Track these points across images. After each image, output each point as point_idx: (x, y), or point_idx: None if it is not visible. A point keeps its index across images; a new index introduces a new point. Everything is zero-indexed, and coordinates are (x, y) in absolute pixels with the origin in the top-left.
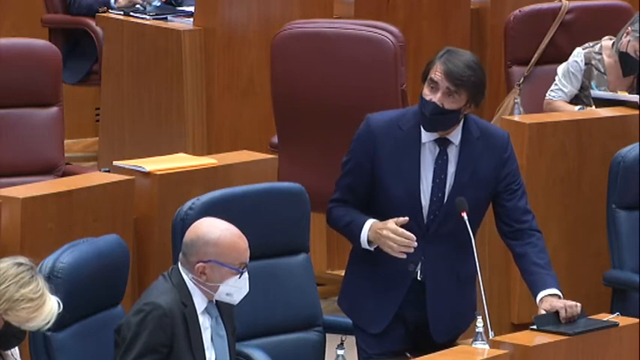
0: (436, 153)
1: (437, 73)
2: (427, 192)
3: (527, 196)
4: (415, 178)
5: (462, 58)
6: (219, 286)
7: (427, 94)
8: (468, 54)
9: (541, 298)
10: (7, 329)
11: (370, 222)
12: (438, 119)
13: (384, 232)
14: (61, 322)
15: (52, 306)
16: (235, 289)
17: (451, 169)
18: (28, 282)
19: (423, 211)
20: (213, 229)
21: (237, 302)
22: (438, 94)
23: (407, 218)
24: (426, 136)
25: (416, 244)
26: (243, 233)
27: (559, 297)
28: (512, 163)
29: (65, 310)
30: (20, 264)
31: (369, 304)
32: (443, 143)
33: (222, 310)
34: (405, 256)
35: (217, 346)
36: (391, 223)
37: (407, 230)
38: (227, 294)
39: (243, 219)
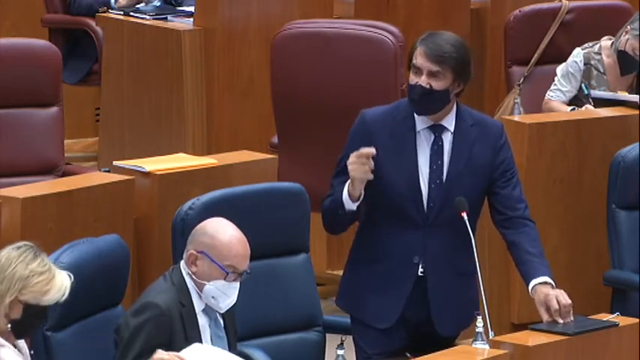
0: (431, 140)
1: (418, 58)
2: (425, 179)
3: (522, 185)
4: (413, 166)
5: (442, 37)
6: (205, 284)
7: (412, 78)
8: (450, 34)
9: (533, 287)
10: (26, 313)
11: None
12: (427, 100)
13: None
14: (61, 322)
15: (63, 278)
16: (221, 293)
17: (447, 154)
18: (33, 258)
19: (423, 198)
20: (219, 225)
21: (222, 310)
22: (423, 77)
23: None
24: (420, 124)
25: (373, 150)
26: (243, 233)
27: (552, 286)
28: (506, 150)
29: (65, 310)
30: (19, 247)
31: (374, 299)
32: (437, 130)
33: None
34: (369, 175)
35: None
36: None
37: (408, 219)
38: (212, 297)
39: (243, 219)
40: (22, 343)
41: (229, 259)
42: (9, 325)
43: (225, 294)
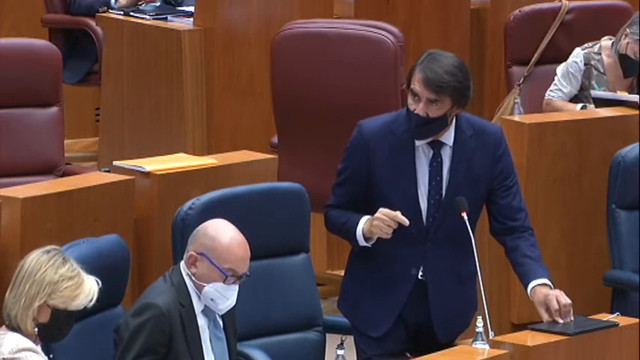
0: (430, 156)
1: (416, 84)
2: (425, 195)
3: (521, 192)
4: (412, 183)
5: (441, 63)
6: (204, 286)
7: (411, 103)
8: (449, 58)
9: (532, 288)
10: (54, 319)
11: (366, 217)
12: (426, 129)
13: (377, 214)
14: None
15: (91, 283)
16: (219, 296)
17: (446, 170)
18: (62, 263)
19: (422, 214)
20: (220, 227)
21: (221, 311)
22: (421, 104)
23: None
24: (419, 140)
25: (407, 221)
26: (243, 233)
27: (550, 287)
28: (506, 159)
29: None
30: (49, 250)
31: (370, 307)
32: (436, 145)
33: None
34: (389, 236)
35: (216, 348)
36: (385, 209)
37: (407, 234)
38: (211, 299)
39: (243, 219)
40: (38, 348)
41: (229, 262)
42: (36, 329)
43: (224, 296)
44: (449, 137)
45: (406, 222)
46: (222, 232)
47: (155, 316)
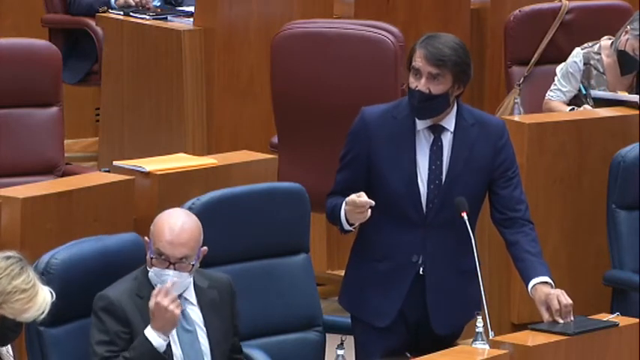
0: (431, 140)
1: (417, 59)
2: (424, 179)
3: (522, 184)
4: (412, 167)
5: (441, 40)
6: (149, 272)
7: (412, 81)
8: (449, 36)
9: (533, 286)
10: (3, 324)
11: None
12: (428, 106)
13: (346, 206)
14: (56, 318)
15: (44, 296)
16: (158, 281)
17: (446, 154)
18: (18, 273)
19: (422, 199)
20: (168, 212)
21: None
22: (422, 80)
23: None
24: (420, 124)
25: (372, 202)
26: (243, 233)
27: (551, 285)
28: (508, 150)
29: (60, 307)
30: (9, 257)
31: (375, 297)
32: (437, 130)
33: (204, 305)
34: (366, 218)
35: (184, 341)
36: (352, 196)
37: (407, 219)
38: (155, 284)
39: (243, 219)
40: (7, 347)
41: (157, 243)
42: None
43: (162, 281)
44: (450, 122)
45: (371, 203)
46: (166, 216)
47: (105, 305)
